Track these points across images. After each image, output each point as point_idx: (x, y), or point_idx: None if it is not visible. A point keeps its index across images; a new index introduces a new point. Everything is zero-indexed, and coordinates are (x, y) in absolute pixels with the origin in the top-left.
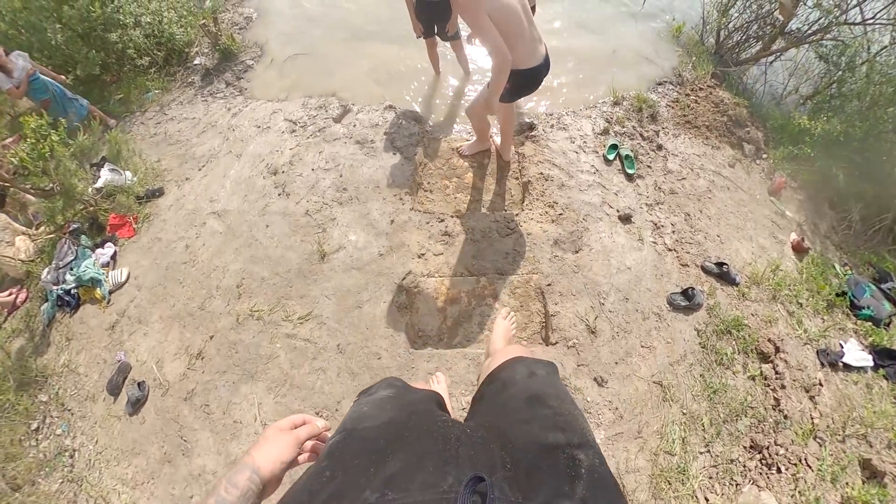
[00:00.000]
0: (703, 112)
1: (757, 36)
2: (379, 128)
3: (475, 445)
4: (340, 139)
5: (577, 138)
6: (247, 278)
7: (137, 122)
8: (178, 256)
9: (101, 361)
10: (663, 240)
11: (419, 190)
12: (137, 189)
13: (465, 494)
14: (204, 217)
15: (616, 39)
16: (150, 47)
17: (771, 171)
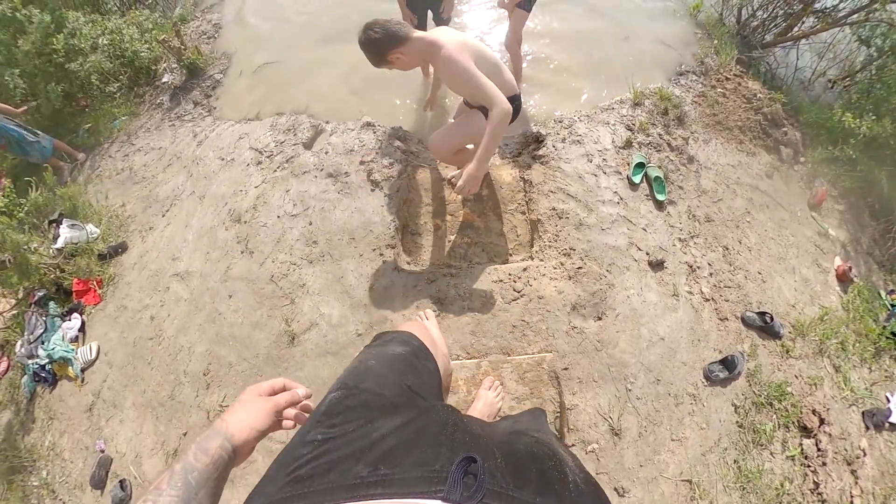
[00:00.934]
0: (733, 109)
1: (783, 15)
2: (354, 154)
3: (470, 434)
4: (310, 172)
5: (595, 154)
6: (213, 363)
7: (105, 155)
8: (144, 330)
9: (84, 448)
10: (699, 286)
11: (404, 233)
12: (100, 246)
13: (456, 473)
14: (167, 280)
15: (627, 22)
16: (116, 70)
17: (810, 179)
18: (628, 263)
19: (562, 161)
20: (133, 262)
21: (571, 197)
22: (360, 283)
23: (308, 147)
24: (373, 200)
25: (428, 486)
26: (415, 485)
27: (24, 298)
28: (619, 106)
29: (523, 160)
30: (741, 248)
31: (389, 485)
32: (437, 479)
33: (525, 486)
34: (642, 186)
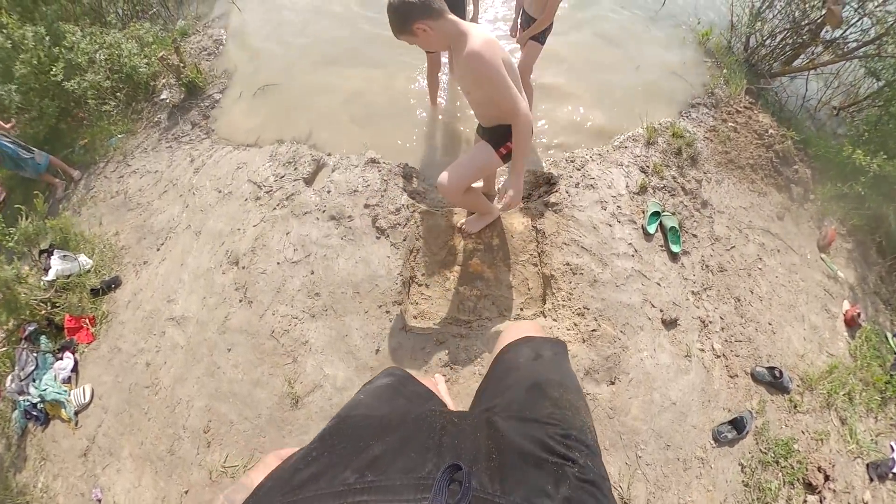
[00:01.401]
0: (744, 145)
1: (791, 44)
2: (358, 196)
3: (461, 435)
4: (312, 213)
5: (610, 201)
6: (214, 420)
7: (100, 176)
8: (139, 377)
9: (79, 494)
10: (711, 342)
11: (412, 284)
12: (92, 281)
13: (440, 481)
14: (162, 324)
15: (638, 51)
16: (113, 86)
17: (819, 217)
18: (642, 322)
19: (575, 209)
20: (127, 299)
21: (586, 250)
22: (366, 344)
23: (309, 183)
24: (378, 250)
25: (414, 493)
26: (401, 492)
27: (14, 332)
28: (633, 144)
29: (535, 208)
30: (752, 299)
31: (376, 491)
32: (423, 487)
33: (515, 488)
34: (657, 236)
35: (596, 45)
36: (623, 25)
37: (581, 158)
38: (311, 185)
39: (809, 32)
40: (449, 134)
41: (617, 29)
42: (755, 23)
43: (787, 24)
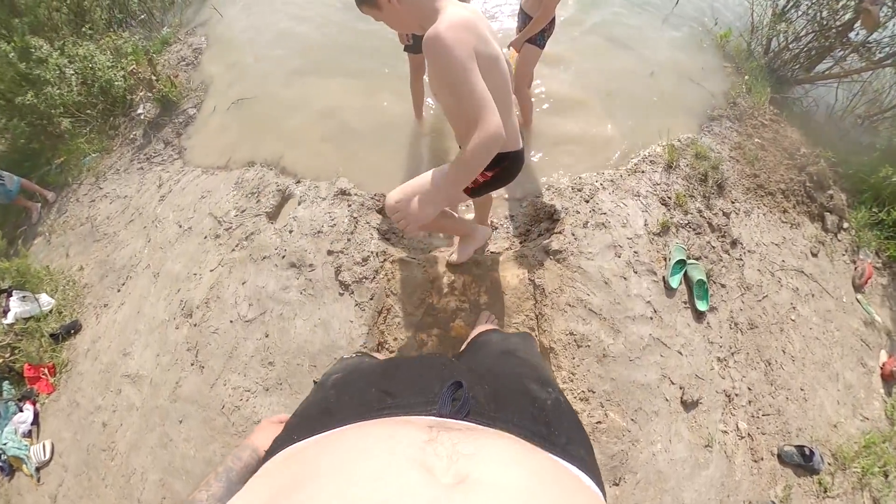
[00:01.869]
0: (774, 166)
1: (818, 48)
2: (322, 238)
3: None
4: (271, 258)
5: (625, 245)
6: (168, 497)
7: (73, 198)
8: (96, 438)
9: None
10: (736, 420)
11: (380, 350)
12: (52, 326)
13: (445, 394)
14: (118, 380)
15: (652, 55)
16: (85, 102)
17: (854, 249)
18: (658, 406)
19: (583, 257)
20: (86, 347)
21: (594, 314)
22: None
23: (272, 218)
24: (340, 310)
25: (424, 406)
26: (414, 407)
27: None
28: (651, 168)
29: (534, 256)
30: (784, 360)
31: (394, 408)
32: (432, 402)
33: (506, 408)
34: (680, 289)
35: (605, 48)
36: (634, 26)
37: (590, 187)
38: (275, 221)
39: (838, 35)
40: (436, 155)
41: (627, 30)
42: (778, 24)
43: (814, 27)
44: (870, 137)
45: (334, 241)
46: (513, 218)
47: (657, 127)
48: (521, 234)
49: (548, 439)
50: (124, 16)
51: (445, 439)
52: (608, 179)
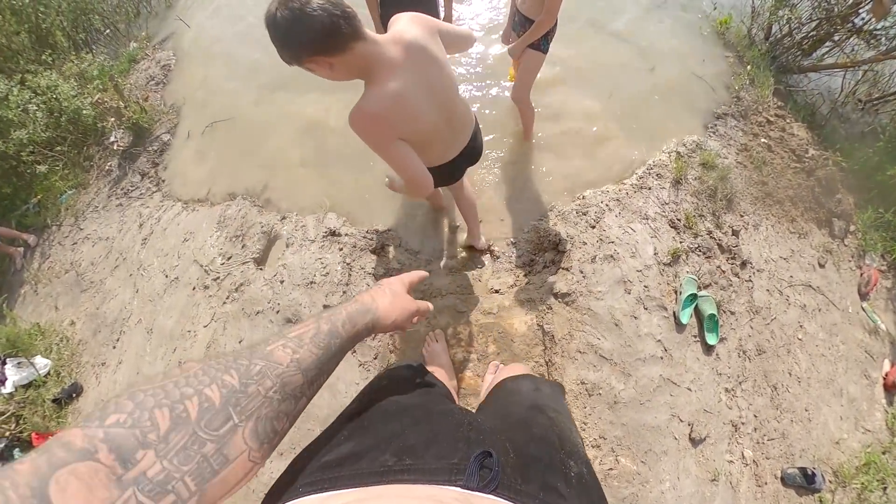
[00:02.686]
0: (782, 170)
1: (823, 35)
2: (316, 289)
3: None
4: (264, 312)
5: (635, 279)
6: None
7: (55, 242)
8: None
9: None
10: (741, 449)
11: None
12: (53, 391)
13: (473, 465)
14: None
15: (651, 48)
16: (56, 136)
17: (860, 254)
18: (667, 446)
19: (592, 298)
20: (90, 411)
21: (605, 360)
22: None
23: (261, 263)
24: (344, 372)
25: (448, 475)
26: (437, 474)
27: None
28: (658, 183)
29: (541, 299)
30: (790, 382)
31: (414, 472)
32: (457, 471)
33: (532, 481)
34: (690, 322)
35: (603, 43)
36: (631, 16)
37: (595, 208)
38: (263, 268)
39: (842, 20)
40: None
41: (624, 22)
42: (780, 10)
43: (820, 13)
44: (871, 120)
45: (329, 294)
46: (515, 245)
47: (661, 129)
48: (525, 265)
49: None
50: (87, 34)
51: None
52: (614, 198)
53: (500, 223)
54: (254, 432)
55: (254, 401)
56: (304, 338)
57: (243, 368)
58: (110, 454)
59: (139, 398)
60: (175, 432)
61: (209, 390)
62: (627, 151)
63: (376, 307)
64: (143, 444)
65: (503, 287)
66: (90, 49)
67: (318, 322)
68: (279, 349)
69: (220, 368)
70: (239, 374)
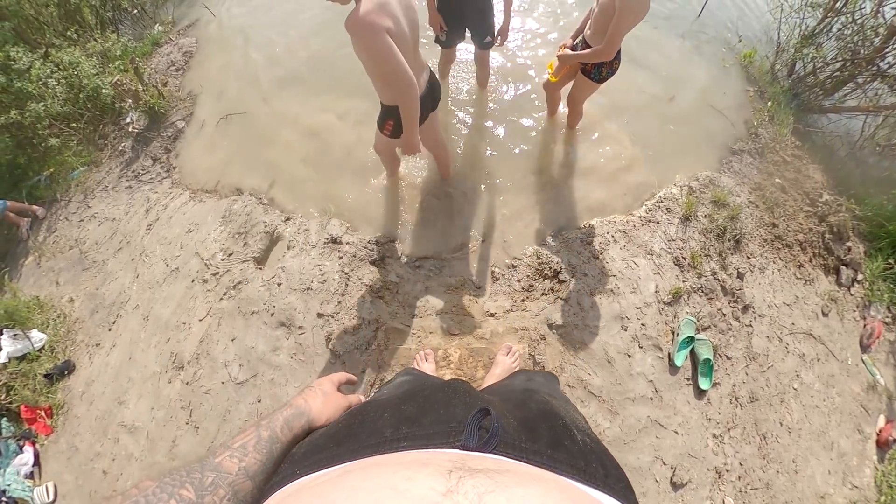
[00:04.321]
0: (794, 212)
1: (847, 77)
2: (311, 297)
3: (482, 399)
4: (259, 313)
5: (633, 316)
6: None
7: (62, 217)
8: (98, 485)
9: None
10: (723, 496)
11: None
12: (45, 366)
13: (471, 424)
14: (116, 429)
15: (672, 76)
16: (74, 112)
17: (865, 304)
18: (647, 488)
19: (587, 331)
20: (81, 389)
21: (594, 396)
22: None
23: (260, 263)
24: None
25: (446, 438)
26: (434, 438)
27: None
28: (666, 218)
29: (535, 329)
30: (780, 432)
31: (412, 439)
32: (455, 432)
33: (537, 441)
34: (685, 367)
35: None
36: (652, 42)
37: (600, 239)
38: (263, 267)
39: (867, 62)
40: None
41: (645, 49)
42: (805, 47)
43: (846, 54)
44: (888, 165)
45: (324, 303)
46: (515, 269)
47: (675, 159)
48: (524, 290)
49: (585, 472)
50: (114, 13)
51: (469, 488)
52: (620, 230)
53: (502, 244)
54: None
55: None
56: (248, 446)
57: (197, 482)
58: None
59: None
60: None
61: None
62: (639, 181)
63: (310, 409)
64: None
65: (499, 311)
66: (115, 28)
67: (259, 430)
68: (227, 460)
69: (176, 484)
70: (194, 488)
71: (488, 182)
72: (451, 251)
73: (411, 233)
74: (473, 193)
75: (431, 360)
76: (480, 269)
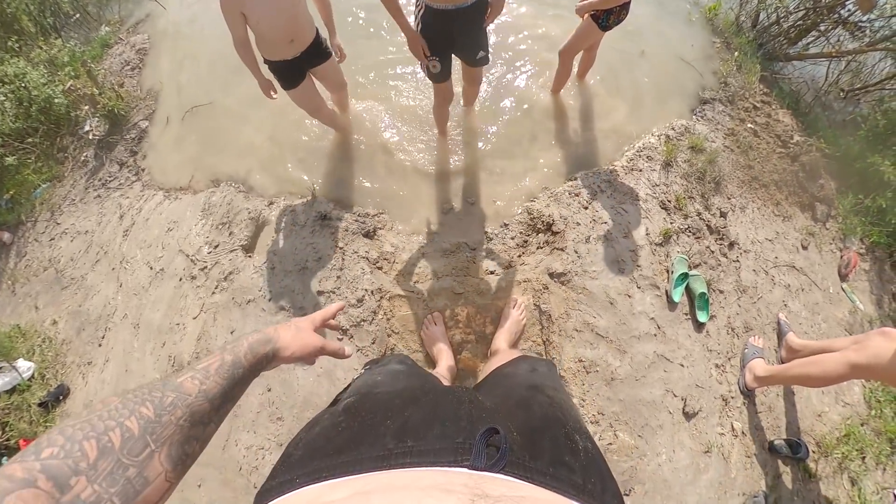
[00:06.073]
0: (767, 154)
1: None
2: (309, 274)
3: (486, 410)
4: (256, 301)
5: (628, 259)
6: None
7: (31, 238)
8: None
9: None
10: (731, 422)
11: None
12: (38, 395)
13: (479, 444)
14: None
15: (640, 32)
16: (26, 127)
17: (842, 237)
18: (662, 420)
19: (587, 277)
20: (79, 412)
21: (601, 337)
22: None
23: (249, 250)
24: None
25: (454, 455)
26: (441, 455)
27: None
28: (648, 165)
29: (538, 279)
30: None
31: (417, 454)
32: (462, 450)
33: (540, 457)
34: (682, 300)
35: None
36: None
37: (587, 190)
38: (252, 254)
39: (828, 10)
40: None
41: None
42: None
43: (808, 3)
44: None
45: (323, 280)
46: (508, 226)
47: (650, 111)
48: (519, 246)
49: (584, 489)
50: (55, 18)
51: None
52: (605, 180)
53: (492, 204)
54: (168, 456)
55: (167, 429)
56: (210, 369)
57: (157, 400)
58: (48, 481)
59: (68, 433)
60: (102, 460)
61: (129, 422)
62: (617, 129)
63: (277, 338)
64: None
65: (498, 268)
66: (59, 34)
67: (223, 354)
68: (188, 381)
69: (137, 401)
70: (154, 406)
71: (471, 144)
72: (442, 216)
73: (401, 203)
74: (458, 159)
75: (440, 322)
76: (473, 231)
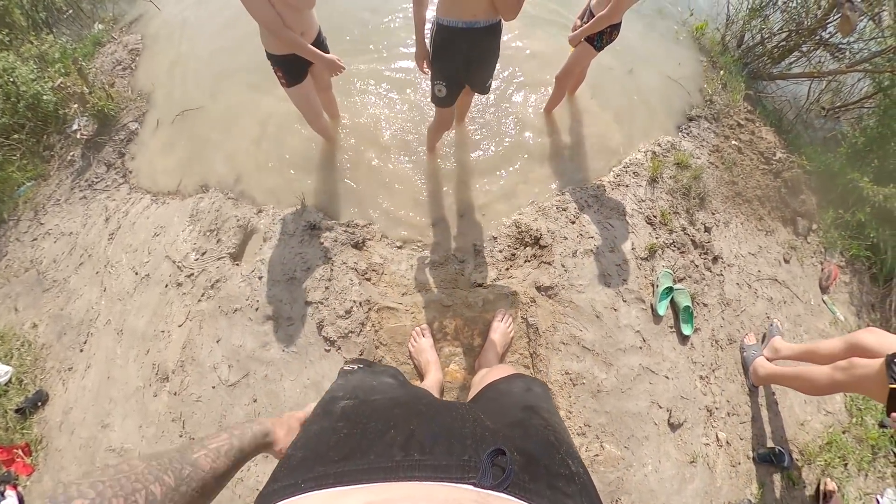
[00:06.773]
0: (751, 171)
1: (792, 46)
2: (296, 287)
3: (489, 430)
4: (243, 310)
5: (614, 273)
6: None
7: (13, 238)
8: None
9: None
10: (716, 432)
11: None
12: (15, 400)
13: (486, 462)
14: (103, 455)
15: (629, 50)
16: (12, 123)
17: (822, 251)
18: (648, 431)
19: (574, 290)
20: (58, 420)
21: (588, 350)
22: None
23: (237, 259)
24: (329, 368)
25: (461, 472)
26: (448, 471)
27: None
28: (634, 181)
29: (525, 292)
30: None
31: (425, 469)
32: (469, 468)
33: (538, 480)
34: (667, 317)
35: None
36: None
37: (575, 205)
38: (240, 262)
39: (810, 32)
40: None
41: None
42: (754, 20)
43: (791, 26)
44: (832, 126)
45: (311, 290)
46: (496, 240)
47: (638, 127)
48: (507, 259)
49: None
50: (47, 14)
51: None
52: (592, 195)
53: (481, 217)
54: None
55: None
56: (221, 451)
57: (177, 472)
58: None
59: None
60: None
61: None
62: (606, 149)
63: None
64: None
65: (486, 281)
66: (51, 30)
67: (232, 439)
68: (202, 458)
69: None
70: (174, 476)
71: (461, 158)
72: (432, 228)
73: (390, 215)
74: (447, 172)
75: (428, 334)
76: (462, 244)
